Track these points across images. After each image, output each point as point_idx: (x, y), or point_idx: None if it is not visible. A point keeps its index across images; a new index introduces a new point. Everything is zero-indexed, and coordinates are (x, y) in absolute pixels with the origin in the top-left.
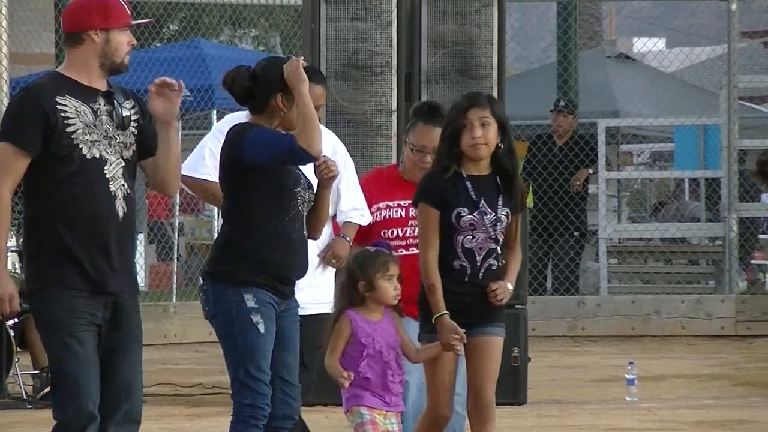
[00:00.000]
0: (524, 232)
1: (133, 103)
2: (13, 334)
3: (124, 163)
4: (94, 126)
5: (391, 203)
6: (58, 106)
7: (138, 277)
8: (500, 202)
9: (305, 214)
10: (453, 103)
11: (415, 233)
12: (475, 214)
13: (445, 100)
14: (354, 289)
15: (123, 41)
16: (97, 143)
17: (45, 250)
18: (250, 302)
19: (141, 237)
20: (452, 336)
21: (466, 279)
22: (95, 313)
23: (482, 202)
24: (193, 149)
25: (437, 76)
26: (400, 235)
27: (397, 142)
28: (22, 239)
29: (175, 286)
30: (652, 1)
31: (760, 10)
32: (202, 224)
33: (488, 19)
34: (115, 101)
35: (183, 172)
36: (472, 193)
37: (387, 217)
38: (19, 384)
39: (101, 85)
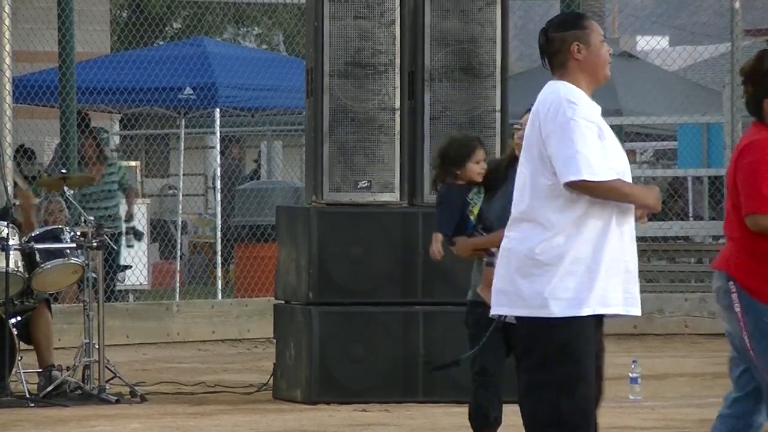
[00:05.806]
0: None
1: None
2: (16, 332)
3: None
4: None
5: None
6: None
7: (141, 276)
8: None
9: None
10: None
11: None
12: None
13: (448, 98)
14: None
15: None
16: None
17: None
18: None
19: (144, 236)
20: None
21: None
22: None
23: None
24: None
25: (440, 75)
26: None
27: (401, 140)
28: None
29: (178, 284)
30: None
31: (764, 8)
32: (205, 223)
33: (491, 17)
34: None
35: None
36: None
37: None
38: (22, 382)
39: None
